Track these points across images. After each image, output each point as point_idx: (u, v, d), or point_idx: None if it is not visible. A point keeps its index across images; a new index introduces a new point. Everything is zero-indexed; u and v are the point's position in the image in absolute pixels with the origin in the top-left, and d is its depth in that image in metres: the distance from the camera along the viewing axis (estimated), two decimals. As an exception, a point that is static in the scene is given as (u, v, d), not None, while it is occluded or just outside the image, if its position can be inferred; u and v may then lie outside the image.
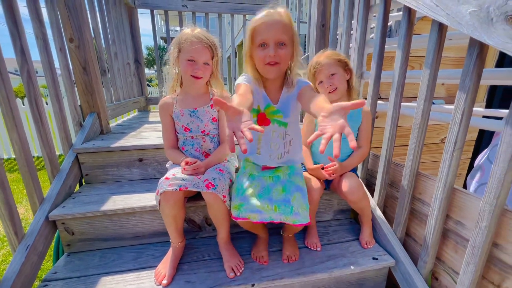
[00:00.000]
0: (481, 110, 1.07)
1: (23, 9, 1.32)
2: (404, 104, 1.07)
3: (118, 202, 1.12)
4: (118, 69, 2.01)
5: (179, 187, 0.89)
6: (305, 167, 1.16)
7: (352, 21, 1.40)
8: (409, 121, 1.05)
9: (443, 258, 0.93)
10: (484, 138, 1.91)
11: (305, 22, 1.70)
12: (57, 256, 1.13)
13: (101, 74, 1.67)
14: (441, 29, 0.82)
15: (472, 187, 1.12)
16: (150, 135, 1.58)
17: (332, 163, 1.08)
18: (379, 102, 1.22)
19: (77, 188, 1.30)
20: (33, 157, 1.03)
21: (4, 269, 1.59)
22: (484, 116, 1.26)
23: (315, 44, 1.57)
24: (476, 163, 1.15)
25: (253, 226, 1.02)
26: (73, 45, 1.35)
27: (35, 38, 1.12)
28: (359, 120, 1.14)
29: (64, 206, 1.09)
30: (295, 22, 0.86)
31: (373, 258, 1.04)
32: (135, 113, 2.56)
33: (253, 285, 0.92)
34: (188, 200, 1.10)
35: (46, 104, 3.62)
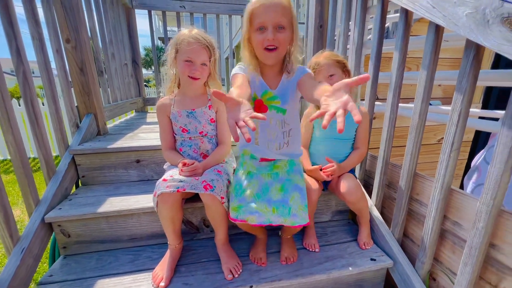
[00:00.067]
0: (477, 111, 1.08)
1: (19, 9, 1.31)
2: (401, 105, 1.08)
3: (115, 203, 1.11)
4: (115, 69, 2.00)
5: (176, 189, 0.89)
6: (304, 169, 1.16)
7: (350, 22, 1.41)
8: (406, 122, 1.05)
9: (440, 259, 0.94)
10: (480, 139, 1.93)
11: (303, 23, 1.70)
12: (53, 259, 1.11)
13: (98, 75, 1.66)
14: (437, 30, 0.83)
15: (469, 187, 1.13)
16: (148, 136, 1.57)
17: (330, 164, 1.08)
18: (376, 103, 1.22)
19: (73, 190, 1.29)
20: (29, 158, 1.02)
21: (-1, 272, 1.57)
22: (481, 117, 1.27)
23: (313, 45, 1.57)
24: (472, 164, 1.16)
25: (252, 228, 1.01)
26: (69, 46, 1.34)
27: (31, 38, 1.11)
28: (357, 121, 1.14)
29: (60, 208, 1.08)
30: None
31: (371, 259, 1.04)
32: (132, 114, 2.54)
33: (251, 287, 0.91)
34: (186, 201, 1.10)
35: (43, 104, 3.59)
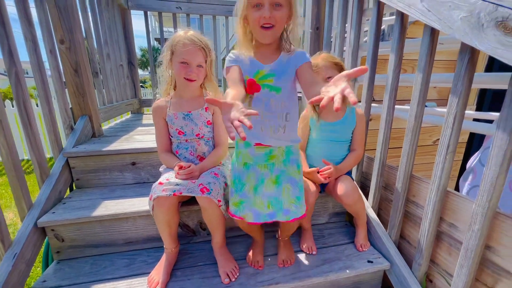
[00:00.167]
0: (472, 113, 1.09)
1: (11, 9, 1.29)
2: (397, 107, 1.08)
3: (110, 207, 1.09)
4: (110, 70, 1.98)
5: (173, 192, 0.88)
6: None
7: (346, 25, 1.41)
8: (402, 124, 1.06)
9: (437, 261, 0.94)
10: (475, 140, 1.95)
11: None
12: (47, 264, 1.09)
13: (93, 76, 1.64)
14: (433, 33, 0.84)
15: (464, 189, 1.14)
16: (144, 138, 1.55)
17: (327, 167, 1.08)
18: (372, 104, 1.23)
19: (67, 193, 1.26)
20: (22, 160, 1.00)
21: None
22: (475, 119, 1.28)
23: (310, 47, 1.58)
24: (468, 165, 1.17)
25: (249, 226, 1.01)
26: (64, 47, 1.32)
27: (24, 39, 1.09)
28: (354, 123, 1.14)
29: (53, 212, 1.06)
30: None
31: (368, 261, 1.04)
32: (128, 116, 2.52)
33: (248, 290, 0.91)
34: (182, 204, 1.09)
35: (37, 106, 3.54)
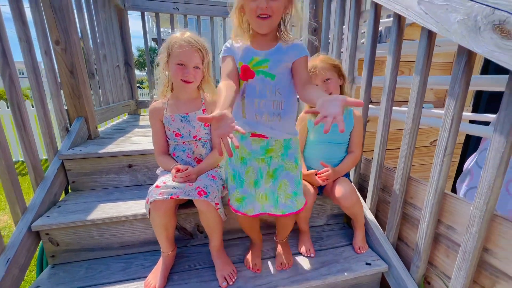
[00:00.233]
0: (468, 114, 1.09)
1: (5, 8, 1.27)
2: (395, 108, 1.08)
3: (106, 210, 1.08)
4: (107, 71, 1.97)
5: (170, 196, 0.86)
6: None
7: (344, 26, 1.41)
8: (400, 125, 1.06)
9: (435, 263, 0.94)
10: (471, 141, 1.96)
11: (297, 27, 1.71)
12: (41, 268, 1.08)
13: (89, 77, 1.62)
14: (430, 36, 0.84)
15: (462, 191, 1.14)
16: (140, 140, 1.54)
17: (325, 169, 1.08)
18: (370, 106, 1.23)
19: (62, 196, 1.25)
20: (17, 161, 0.98)
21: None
22: (471, 121, 1.29)
23: (307, 48, 1.58)
24: (465, 167, 1.17)
25: (250, 225, 1.01)
26: (59, 48, 1.30)
27: (18, 40, 1.08)
28: (351, 125, 1.14)
29: (48, 216, 1.04)
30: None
31: (367, 264, 1.04)
32: (125, 117, 2.50)
33: (246, 294, 0.90)
34: (179, 207, 1.08)
35: (32, 107, 3.50)
